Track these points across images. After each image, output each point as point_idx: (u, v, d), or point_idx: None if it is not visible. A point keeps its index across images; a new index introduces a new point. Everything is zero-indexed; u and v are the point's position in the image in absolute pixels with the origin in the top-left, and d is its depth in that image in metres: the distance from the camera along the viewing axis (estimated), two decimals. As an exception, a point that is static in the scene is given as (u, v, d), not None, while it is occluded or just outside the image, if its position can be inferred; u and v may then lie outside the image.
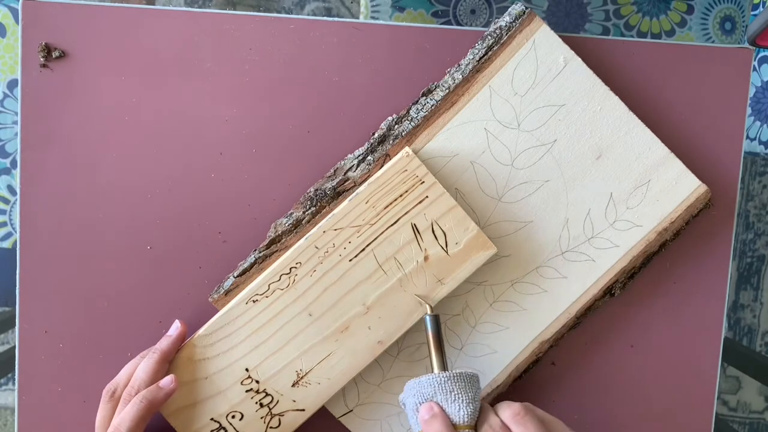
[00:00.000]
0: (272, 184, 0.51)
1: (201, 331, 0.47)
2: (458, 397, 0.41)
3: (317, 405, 0.48)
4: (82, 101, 0.50)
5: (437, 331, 0.45)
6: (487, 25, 0.77)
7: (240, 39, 0.51)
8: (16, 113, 0.83)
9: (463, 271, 0.47)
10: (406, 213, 0.47)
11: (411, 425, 0.43)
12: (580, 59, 0.49)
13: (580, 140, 0.49)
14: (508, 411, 0.40)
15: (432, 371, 0.44)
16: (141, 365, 0.46)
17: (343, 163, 0.49)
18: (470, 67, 0.48)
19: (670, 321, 0.53)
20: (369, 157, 0.49)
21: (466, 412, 0.40)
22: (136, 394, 0.44)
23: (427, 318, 0.45)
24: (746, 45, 0.67)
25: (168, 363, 0.47)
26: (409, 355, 0.50)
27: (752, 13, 0.84)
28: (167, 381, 0.45)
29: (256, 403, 0.48)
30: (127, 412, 0.43)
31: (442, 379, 0.42)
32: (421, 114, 0.49)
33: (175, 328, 0.48)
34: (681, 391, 0.53)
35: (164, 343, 0.47)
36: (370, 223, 0.47)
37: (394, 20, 0.77)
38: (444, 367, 0.44)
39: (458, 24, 0.77)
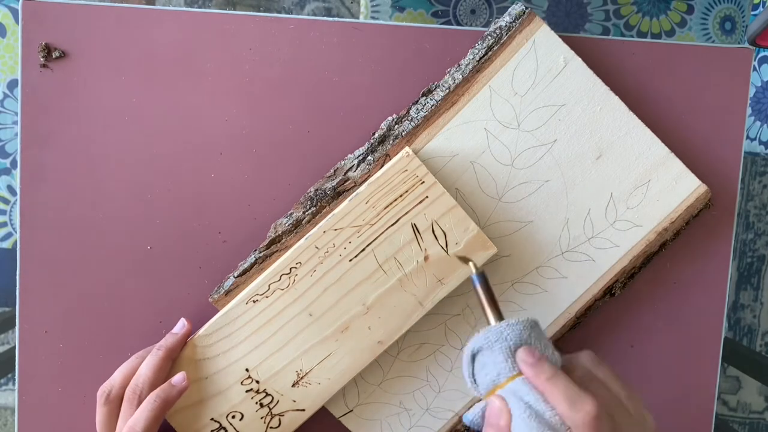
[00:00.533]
0: (272, 184, 0.51)
1: (201, 331, 0.47)
2: (547, 342, 0.39)
3: (317, 405, 0.48)
4: (82, 101, 0.50)
5: (488, 285, 0.41)
6: (487, 25, 0.77)
7: (240, 39, 0.51)
8: (16, 113, 0.83)
9: (463, 270, 0.47)
10: (406, 213, 0.47)
11: (484, 377, 0.39)
12: (580, 59, 0.49)
13: (580, 140, 0.49)
14: (583, 355, 0.40)
15: (491, 323, 0.40)
16: (146, 362, 0.45)
17: (343, 163, 0.49)
18: (470, 67, 0.48)
19: (670, 321, 0.53)
20: (369, 157, 0.49)
21: (557, 355, 0.39)
22: (141, 391, 0.44)
23: (475, 277, 0.41)
24: (746, 45, 0.67)
25: (172, 361, 0.47)
26: (409, 355, 0.50)
27: (752, 13, 0.84)
28: (179, 378, 0.45)
29: (257, 403, 0.48)
30: (142, 412, 0.43)
31: (532, 323, 0.39)
32: (421, 114, 0.49)
33: (181, 326, 0.48)
34: (681, 391, 0.53)
35: (170, 340, 0.47)
36: (370, 223, 0.47)
37: (394, 20, 0.77)
38: (502, 316, 0.41)
39: (458, 24, 0.77)
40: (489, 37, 0.49)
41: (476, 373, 0.40)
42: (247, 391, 0.47)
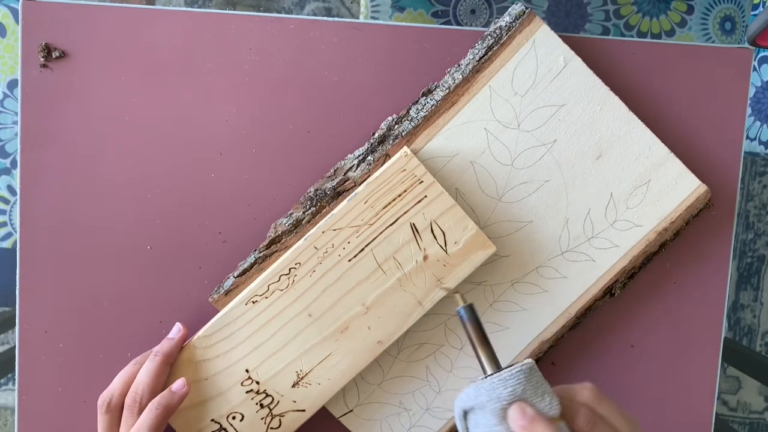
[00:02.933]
0: (272, 184, 0.51)
1: (201, 332, 0.47)
2: (545, 389, 0.36)
3: (317, 405, 0.48)
4: (82, 101, 0.50)
5: (478, 323, 0.38)
6: (487, 25, 0.77)
7: (240, 39, 0.51)
8: (16, 113, 0.83)
9: (462, 270, 0.47)
10: (404, 213, 0.47)
11: None
12: (580, 59, 0.49)
13: (580, 140, 0.49)
14: (584, 392, 0.37)
15: (485, 369, 0.38)
16: (144, 368, 0.45)
17: (343, 163, 0.49)
18: (470, 67, 0.48)
19: (670, 321, 0.53)
20: (369, 157, 0.49)
21: (555, 402, 0.36)
22: (141, 398, 0.44)
23: (462, 310, 0.39)
24: (746, 45, 0.67)
25: (170, 366, 0.47)
26: (409, 355, 0.50)
27: (752, 13, 0.84)
28: (179, 385, 0.45)
29: (257, 404, 0.48)
30: (144, 420, 0.42)
31: (527, 371, 0.36)
32: (421, 114, 0.49)
33: (177, 330, 0.48)
34: (681, 391, 0.53)
35: (166, 345, 0.47)
36: (369, 223, 0.47)
37: (394, 20, 0.77)
38: (497, 360, 0.38)
39: (458, 24, 0.77)
40: (489, 37, 0.49)
41: (470, 429, 0.37)
42: (247, 392, 0.47)
